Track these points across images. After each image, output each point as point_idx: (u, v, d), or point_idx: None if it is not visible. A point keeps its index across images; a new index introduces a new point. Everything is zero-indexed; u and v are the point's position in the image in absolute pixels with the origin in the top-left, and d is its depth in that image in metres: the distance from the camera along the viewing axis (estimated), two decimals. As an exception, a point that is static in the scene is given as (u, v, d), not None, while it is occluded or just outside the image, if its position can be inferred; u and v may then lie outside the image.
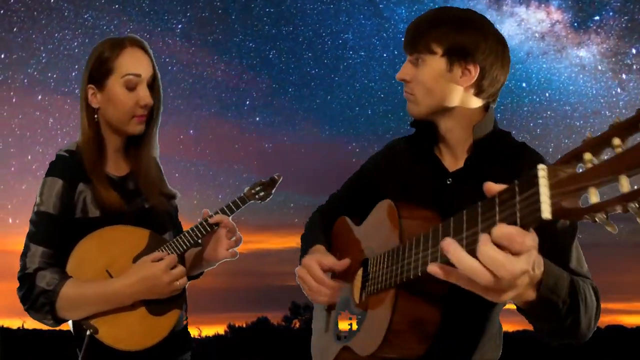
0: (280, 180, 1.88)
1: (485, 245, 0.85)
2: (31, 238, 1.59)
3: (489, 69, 1.38)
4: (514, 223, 0.82)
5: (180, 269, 1.63)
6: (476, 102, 1.43)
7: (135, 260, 1.64)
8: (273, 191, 1.88)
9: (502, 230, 0.83)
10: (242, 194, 1.82)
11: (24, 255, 1.58)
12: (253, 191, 1.84)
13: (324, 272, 1.47)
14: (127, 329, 1.59)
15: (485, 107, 1.45)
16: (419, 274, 1.09)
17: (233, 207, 1.79)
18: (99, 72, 1.65)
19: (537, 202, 0.78)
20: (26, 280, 1.56)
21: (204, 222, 1.73)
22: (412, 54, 1.42)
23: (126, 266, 1.62)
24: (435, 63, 1.39)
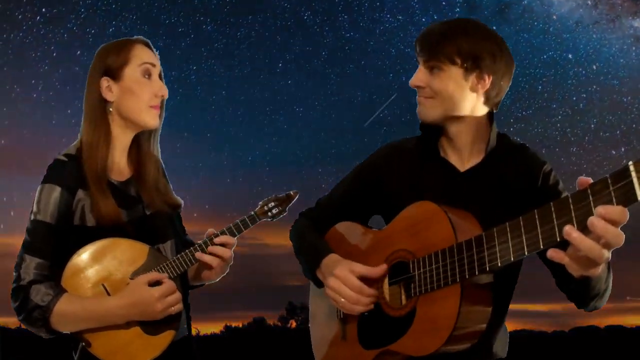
0: (297, 197, 1.79)
1: (600, 222, 1.02)
2: (26, 248, 1.56)
3: (499, 80, 1.50)
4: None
5: (175, 296, 1.58)
6: (483, 110, 1.53)
7: (132, 276, 1.60)
8: (288, 208, 1.78)
9: (614, 209, 1.01)
10: (252, 212, 1.72)
11: (18, 266, 1.56)
12: (265, 208, 1.74)
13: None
14: (119, 344, 1.58)
15: (489, 114, 1.55)
16: (499, 265, 1.22)
17: (241, 226, 1.70)
18: (114, 64, 1.65)
19: (632, 188, 0.98)
20: (20, 292, 1.54)
21: (208, 242, 1.68)
22: (429, 60, 1.49)
23: (123, 282, 1.60)
24: (453, 72, 1.48)
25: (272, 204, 1.74)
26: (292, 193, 1.78)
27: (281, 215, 1.76)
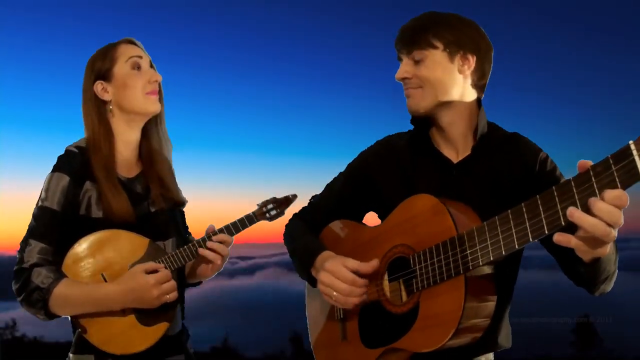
0: (295, 200, 1.84)
1: (601, 203, 1.03)
2: (31, 233, 1.61)
3: (482, 60, 1.50)
4: (614, 187, 1.02)
5: (170, 284, 1.63)
6: (472, 95, 1.52)
7: (131, 267, 1.64)
8: (286, 211, 1.83)
9: (614, 193, 1.02)
10: (251, 213, 1.78)
11: (22, 249, 1.60)
12: (264, 209, 1.80)
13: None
14: (114, 333, 1.62)
15: (477, 101, 1.55)
16: (503, 254, 1.21)
17: (239, 225, 1.77)
18: (103, 67, 1.72)
19: (635, 167, 0.98)
20: (22, 274, 1.58)
21: (206, 239, 1.73)
22: (410, 52, 1.50)
23: (121, 272, 1.64)
24: (438, 56, 1.47)
25: (271, 205, 1.80)
26: (290, 196, 1.83)
27: (279, 217, 1.81)
